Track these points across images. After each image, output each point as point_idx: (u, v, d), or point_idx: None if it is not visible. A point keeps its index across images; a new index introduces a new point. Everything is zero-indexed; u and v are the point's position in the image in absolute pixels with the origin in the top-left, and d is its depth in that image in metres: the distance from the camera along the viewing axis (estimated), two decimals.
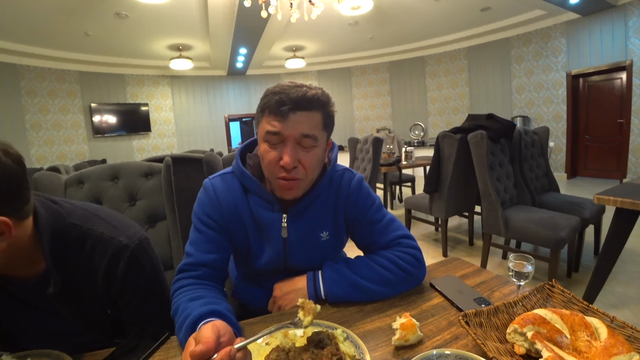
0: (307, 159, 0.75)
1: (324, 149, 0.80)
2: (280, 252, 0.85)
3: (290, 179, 0.75)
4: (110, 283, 0.73)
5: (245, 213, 0.83)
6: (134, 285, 0.76)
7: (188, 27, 5.44)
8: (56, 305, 0.71)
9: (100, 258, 0.72)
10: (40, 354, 0.65)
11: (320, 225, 0.86)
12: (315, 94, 0.74)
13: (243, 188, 0.84)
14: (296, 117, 0.72)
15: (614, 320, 0.59)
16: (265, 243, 0.85)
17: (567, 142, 5.98)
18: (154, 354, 0.66)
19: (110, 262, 0.72)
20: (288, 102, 0.71)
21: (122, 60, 6.87)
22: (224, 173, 0.86)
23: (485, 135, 2.20)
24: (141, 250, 0.76)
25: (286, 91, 0.73)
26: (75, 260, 0.71)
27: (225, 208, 0.82)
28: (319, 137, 0.76)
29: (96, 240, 0.72)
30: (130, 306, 0.77)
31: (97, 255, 0.72)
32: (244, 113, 8.66)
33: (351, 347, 0.59)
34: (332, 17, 5.33)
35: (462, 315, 0.60)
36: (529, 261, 0.72)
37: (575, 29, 5.63)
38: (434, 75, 7.73)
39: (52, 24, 4.82)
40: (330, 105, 0.79)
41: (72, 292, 0.71)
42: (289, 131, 0.72)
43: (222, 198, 0.82)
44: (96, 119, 6.84)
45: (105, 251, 0.72)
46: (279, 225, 0.83)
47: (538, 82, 6.24)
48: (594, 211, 2.31)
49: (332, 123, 0.81)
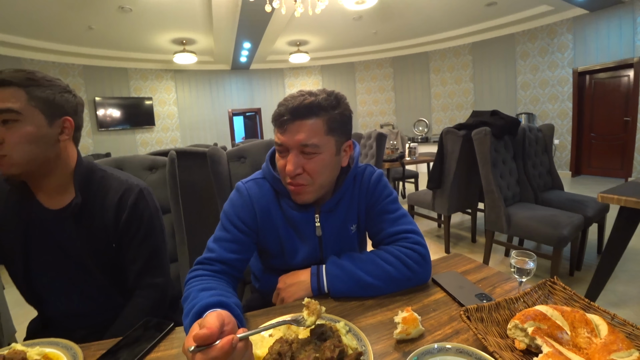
0: (311, 165, 0.78)
1: (332, 154, 0.80)
2: (317, 249, 0.89)
3: (296, 184, 0.79)
4: (119, 214, 0.87)
5: (278, 216, 0.87)
6: (139, 220, 0.89)
7: (192, 21, 5.43)
8: (73, 231, 0.84)
9: (114, 194, 0.88)
10: (49, 342, 0.67)
11: (348, 219, 0.91)
12: (314, 100, 0.75)
13: (275, 192, 0.87)
14: (294, 127, 0.75)
15: (614, 318, 0.59)
16: (300, 242, 0.88)
17: (571, 139, 5.95)
18: (159, 345, 0.67)
19: (122, 196, 0.88)
20: (286, 112, 0.75)
21: (126, 54, 6.87)
22: (256, 178, 0.90)
23: (489, 132, 2.19)
24: (147, 192, 0.93)
25: (287, 102, 0.76)
26: (95, 193, 0.87)
27: (259, 212, 0.86)
28: (322, 143, 0.77)
29: (114, 181, 0.90)
30: (134, 241, 0.89)
31: (112, 191, 0.88)
32: (247, 107, 8.66)
33: (353, 340, 0.60)
34: (336, 11, 5.30)
35: (464, 310, 0.61)
36: (530, 258, 0.72)
37: (582, 25, 5.57)
38: (438, 71, 7.68)
39: (55, 17, 4.83)
40: (337, 108, 0.79)
41: (87, 217, 0.86)
42: (289, 141, 0.76)
43: (256, 202, 0.86)
44: (100, 113, 6.87)
45: (120, 188, 0.88)
46: (313, 224, 0.87)
47: (543, 79, 6.19)
48: (597, 210, 2.31)
49: (342, 126, 0.81)
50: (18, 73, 0.75)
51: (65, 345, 0.66)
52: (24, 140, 0.74)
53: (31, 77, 0.76)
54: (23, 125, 0.74)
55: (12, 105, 0.72)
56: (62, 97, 0.81)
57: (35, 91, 0.76)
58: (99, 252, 0.87)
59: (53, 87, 0.79)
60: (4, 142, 0.73)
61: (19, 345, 0.65)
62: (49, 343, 0.67)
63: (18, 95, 0.73)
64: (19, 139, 0.74)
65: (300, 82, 8.69)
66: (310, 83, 8.67)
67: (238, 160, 1.30)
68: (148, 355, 0.64)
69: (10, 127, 0.73)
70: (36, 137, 0.76)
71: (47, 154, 0.79)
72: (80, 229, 0.85)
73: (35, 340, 0.68)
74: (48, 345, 0.66)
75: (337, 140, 0.81)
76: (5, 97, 0.72)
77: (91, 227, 0.86)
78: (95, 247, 0.87)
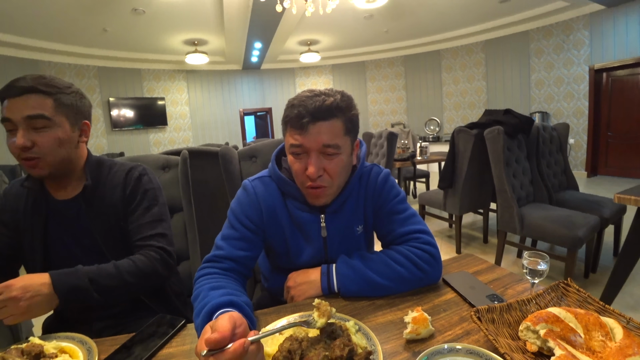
0: (332, 166, 0.78)
1: (348, 154, 0.81)
2: (321, 250, 0.89)
3: (317, 187, 0.79)
4: (125, 188, 0.95)
5: (284, 215, 0.87)
6: (143, 191, 0.96)
7: (203, 22, 5.49)
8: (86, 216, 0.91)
9: (120, 174, 0.97)
10: (66, 336, 0.69)
11: (354, 220, 0.90)
12: (334, 101, 0.75)
13: (281, 191, 0.87)
14: (316, 128, 0.74)
15: (630, 322, 0.58)
16: (305, 242, 0.89)
17: (587, 138, 5.79)
18: (171, 341, 0.69)
19: (127, 174, 0.97)
20: (306, 114, 0.73)
21: (139, 56, 6.99)
22: (262, 176, 0.90)
23: (502, 131, 2.16)
24: (149, 171, 1.02)
25: (304, 103, 0.75)
26: (104, 177, 0.96)
27: (265, 210, 0.86)
28: (342, 144, 0.77)
29: (119, 167, 0.99)
30: (138, 209, 0.95)
31: (118, 174, 0.97)
32: (258, 107, 8.72)
33: (363, 339, 0.60)
34: (347, 10, 5.28)
35: (475, 311, 0.60)
36: (543, 259, 0.71)
37: (599, 21, 5.42)
38: (450, 69, 7.58)
39: (71, 20, 4.94)
40: (352, 109, 0.79)
41: (98, 199, 0.93)
42: (310, 143, 0.75)
43: (262, 200, 0.86)
44: (114, 113, 7.00)
45: (124, 170, 0.97)
46: (318, 225, 0.87)
47: (558, 77, 6.05)
48: (614, 211, 2.25)
49: (356, 126, 0.82)
50: (42, 80, 0.82)
51: (81, 340, 0.68)
52: (55, 144, 0.83)
53: (55, 84, 0.84)
54: (53, 131, 0.82)
55: (43, 111, 0.80)
56: (81, 102, 0.90)
57: (62, 98, 0.84)
58: (111, 234, 0.93)
59: (73, 93, 0.88)
60: (35, 145, 0.81)
61: (37, 339, 0.67)
62: (65, 337, 0.69)
63: (46, 102, 0.81)
64: (50, 142, 0.82)
65: (311, 82, 8.70)
66: (321, 82, 8.67)
67: (249, 159, 1.31)
68: (161, 350, 0.66)
69: (41, 132, 0.81)
70: (64, 140, 0.85)
71: (71, 155, 0.89)
72: (92, 212, 0.92)
73: (52, 334, 0.70)
74: (64, 339, 0.69)
75: (352, 140, 0.82)
76: (36, 104, 0.80)
77: (102, 208, 0.92)
78: (107, 228, 0.92)
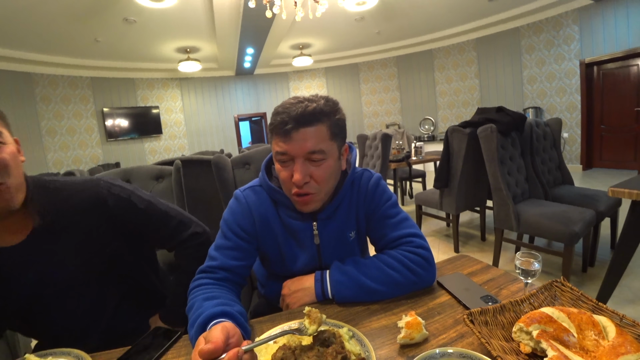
0: (319, 172, 0.77)
1: (336, 160, 0.81)
2: (315, 257, 0.89)
3: (304, 194, 0.78)
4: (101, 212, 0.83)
5: (276, 223, 0.87)
6: (127, 201, 0.86)
7: (195, 30, 5.50)
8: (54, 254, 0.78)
9: (79, 200, 0.81)
10: (62, 352, 0.69)
11: (347, 226, 0.90)
12: (317, 106, 0.75)
13: (272, 200, 0.87)
14: (300, 135, 0.74)
15: (623, 319, 0.58)
16: (299, 250, 0.89)
17: (581, 132, 5.83)
18: (167, 353, 0.68)
19: (91, 196, 0.82)
20: (290, 120, 0.73)
21: (132, 65, 6.99)
22: (254, 185, 0.90)
23: (495, 129, 2.17)
24: (110, 179, 0.87)
25: (288, 110, 0.74)
26: (58, 206, 0.79)
27: (257, 219, 0.86)
28: (327, 149, 0.77)
29: (70, 187, 0.82)
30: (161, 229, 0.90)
31: (75, 197, 0.81)
32: (253, 112, 8.71)
33: (357, 346, 0.60)
34: (338, 13, 5.31)
35: (467, 314, 0.60)
36: (536, 259, 0.71)
37: (588, 16, 5.47)
38: (443, 68, 7.62)
39: (62, 31, 4.94)
40: (337, 114, 0.79)
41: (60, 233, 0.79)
42: (295, 150, 0.74)
43: (254, 209, 0.86)
44: (109, 123, 6.99)
45: (83, 190, 0.82)
46: (311, 233, 0.87)
47: (550, 72, 6.09)
48: (609, 204, 2.26)
49: (342, 130, 0.82)
50: None
51: (77, 355, 0.68)
52: None
53: None
54: None
55: None
56: None
57: None
58: (94, 260, 0.83)
59: None
60: None
61: (33, 357, 0.66)
62: (60, 353, 0.69)
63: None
64: None
65: (305, 85, 8.71)
66: (314, 86, 8.69)
67: (243, 166, 1.31)
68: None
69: None
70: None
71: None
72: (59, 248, 0.79)
73: (48, 350, 0.70)
74: (60, 355, 0.68)
75: (339, 145, 0.82)
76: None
77: (71, 240, 0.80)
78: (87, 258, 0.82)
